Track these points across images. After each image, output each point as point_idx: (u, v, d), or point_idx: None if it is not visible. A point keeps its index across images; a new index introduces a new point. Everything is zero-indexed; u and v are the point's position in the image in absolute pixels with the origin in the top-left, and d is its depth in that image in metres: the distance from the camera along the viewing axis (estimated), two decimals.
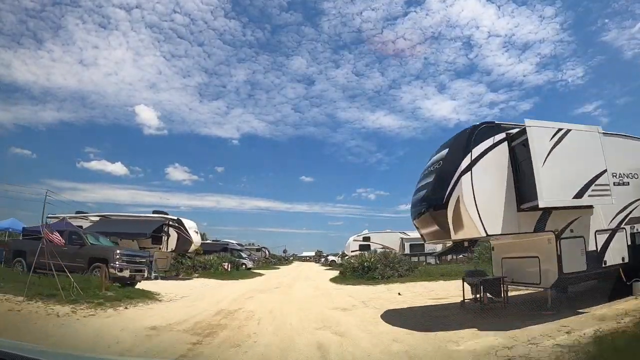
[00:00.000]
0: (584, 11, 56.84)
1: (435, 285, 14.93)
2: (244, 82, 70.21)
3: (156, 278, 19.32)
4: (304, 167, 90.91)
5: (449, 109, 68.73)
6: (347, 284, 16.68)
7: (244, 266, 33.62)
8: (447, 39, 61.22)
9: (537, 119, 6.89)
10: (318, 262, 67.83)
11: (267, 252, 53.68)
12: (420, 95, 68.95)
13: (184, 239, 20.03)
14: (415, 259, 25.51)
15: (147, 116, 73.77)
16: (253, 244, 54.25)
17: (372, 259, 18.27)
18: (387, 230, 29.01)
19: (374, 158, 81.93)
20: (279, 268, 42.81)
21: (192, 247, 20.52)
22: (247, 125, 75.41)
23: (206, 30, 62.56)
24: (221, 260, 24.72)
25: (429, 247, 28.13)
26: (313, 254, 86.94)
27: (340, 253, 44.23)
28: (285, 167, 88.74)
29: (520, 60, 60.70)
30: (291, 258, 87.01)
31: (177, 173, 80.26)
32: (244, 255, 35.03)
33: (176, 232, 20.18)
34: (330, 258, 50.03)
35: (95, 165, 72.00)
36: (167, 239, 20.31)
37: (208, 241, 37.69)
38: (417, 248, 26.57)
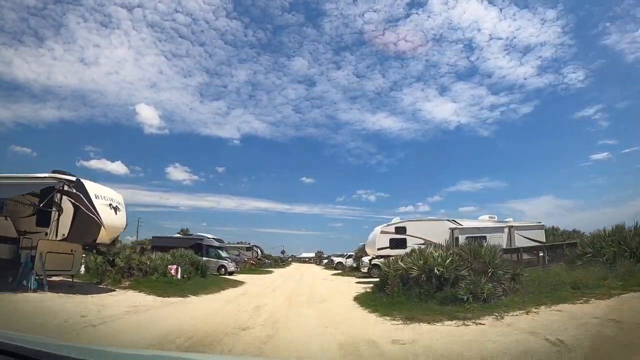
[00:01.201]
0: (586, 15, 56.74)
1: None
2: (245, 83, 70.81)
3: (40, 288, 10.48)
4: (304, 168, 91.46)
5: (449, 111, 68.52)
6: (408, 319, 7.32)
7: (222, 269, 24.54)
8: (448, 41, 61.74)
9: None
10: (319, 264, 59.91)
11: (259, 251, 44.33)
12: (421, 97, 69.54)
13: (85, 217, 10.75)
14: None
15: (148, 115, 72.69)
16: (243, 242, 45.11)
17: (449, 260, 9.02)
18: (430, 218, 19.80)
19: (374, 160, 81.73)
20: (271, 272, 33.38)
21: (104, 235, 11.19)
22: (247, 125, 75.53)
23: (207, 30, 62.27)
24: (174, 259, 15.40)
25: (493, 240, 18.93)
26: (313, 255, 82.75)
27: (353, 253, 34.94)
28: (286, 168, 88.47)
29: (521, 63, 60.44)
30: (289, 259, 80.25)
31: (177, 173, 79.24)
32: (223, 254, 25.74)
33: (72, 204, 10.94)
34: (336, 260, 40.61)
35: (95, 164, 69.79)
36: (58, 216, 11.10)
37: (177, 235, 28.44)
38: (475, 240, 16.65)
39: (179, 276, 13.04)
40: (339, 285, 17.85)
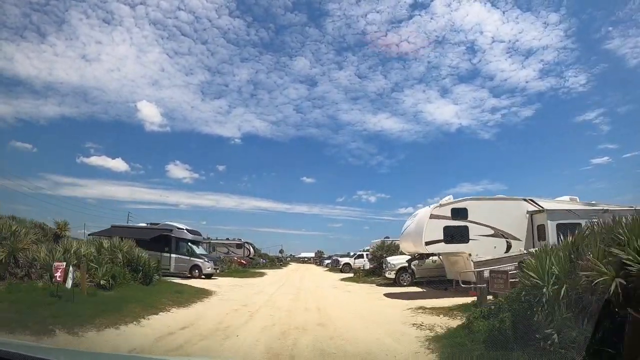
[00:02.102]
0: (589, 19, 55.67)
1: None
2: (247, 82, 68.55)
3: None
4: (304, 168, 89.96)
5: (450, 113, 67.51)
6: None
7: (196, 271, 18.33)
8: (450, 43, 60.00)
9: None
10: (320, 265, 54.06)
11: (251, 249, 37.99)
12: (423, 99, 68.20)
13: None
14: None
15: (149, 112, 70.46)
16: (234, 238, 38.76)
17: None
18: (500, 197, 13.36)
19: (374, 160, 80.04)
20: (264, 274, 26.99)
21: None
22: (248, 124, 73.52)
23: (210, 29, 61.16)
24: (100, 255, 9.04)
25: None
26: (312, 255, 77.95)
27: (364, 252, 28.65)
28: (286, 167, 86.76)
29: (523, 66, 59.70)
30: (288, 259, 75.57)
31: (177, 171, 77.44)
32: (198, 251, 19.44)
33: None
34: (343, 260, 34.23)
35: (96, 160, 69.05)
36: None
37: (142, 224, 21.98)
38: (568, 230, 9.65)
39: (68, 285, 6.69)
40: (365, 302, 11.51)
